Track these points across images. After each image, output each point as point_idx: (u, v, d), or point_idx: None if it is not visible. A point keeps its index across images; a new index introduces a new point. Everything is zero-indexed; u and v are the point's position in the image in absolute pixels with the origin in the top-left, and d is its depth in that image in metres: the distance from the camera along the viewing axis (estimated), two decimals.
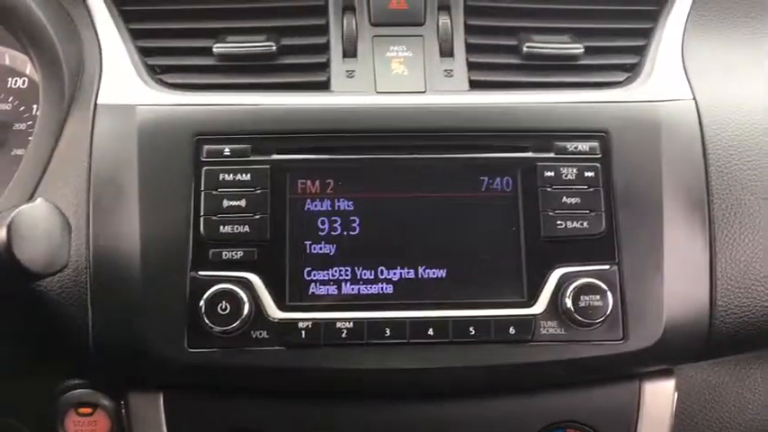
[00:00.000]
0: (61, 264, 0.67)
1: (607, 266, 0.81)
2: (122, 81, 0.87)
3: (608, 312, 0.79)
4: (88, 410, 0.87)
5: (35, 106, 1.00)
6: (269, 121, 0.83)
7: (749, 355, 0.94)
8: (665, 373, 0.88)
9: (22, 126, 0.99)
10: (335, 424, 0.85)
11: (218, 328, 0.77)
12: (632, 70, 0.91)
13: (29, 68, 1.00)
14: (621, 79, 0.91)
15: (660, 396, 0.87)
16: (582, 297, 0.79)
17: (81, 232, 0.78)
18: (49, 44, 0.86)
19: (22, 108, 1.00)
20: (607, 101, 0.87)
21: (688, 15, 0.94)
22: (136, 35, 0.90)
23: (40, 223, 0.65)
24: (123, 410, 0.86)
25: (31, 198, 0.83)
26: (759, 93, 0.93)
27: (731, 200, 0.86)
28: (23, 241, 0.63)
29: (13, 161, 0.97)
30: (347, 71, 0.89)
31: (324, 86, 0.88)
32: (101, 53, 0.89)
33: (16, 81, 1.01)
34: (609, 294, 0.79)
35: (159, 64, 0.89)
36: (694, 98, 0.89)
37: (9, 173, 0.93)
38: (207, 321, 0.77)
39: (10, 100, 1.01)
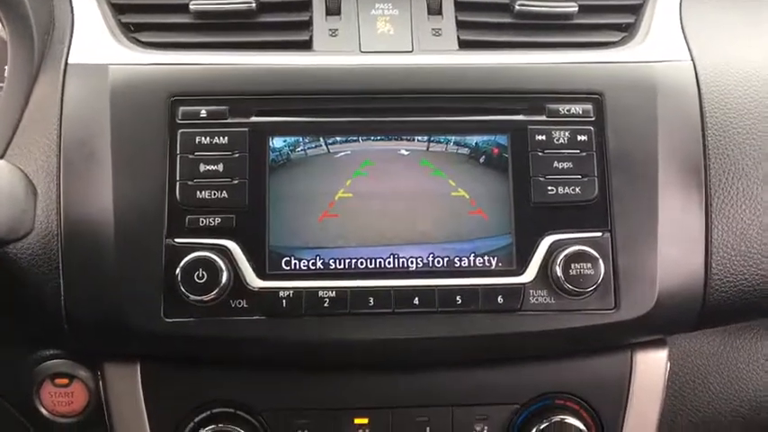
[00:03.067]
0: (25, 230, 0.65)
1: (599, 234, 0.79)
2: (94, 39, 0.84)
3: (599, 281, 0.78)
4: (65, 381, 0.86)
5: (6, 67, 0.96)
6: (248, 82, 0.81)
7: (741, 325, 0.92)
8: (658, 344, 0.87)
9: None
10: (317, 395, 0.82)
11: (195, 297, 0.75)
12: (628, 30, 0.90)
13: None
14: (617, 39, 0.89)
15: (652, 367, 0.86)
16: (573, 265, 0.78)
17: (51, 197, 0.75)
18: (18, 5, 0.82)
19: None
20: (601, 61, 0.85)
21: None
22: None
23: (2, 187, 0.63)
24: (100, 381, 0.83)
25: None
26: (758, 57, 0.92)
27: (729, 164, 0.84)
28: None
29: None
30: (330, 30, 0.87)
31: (306, 46, 0.86)
32: (72, 10, 0.86)
33: None
34: (600, 262, 0.78)
35: (133, 22, 0.87)
36: (692, 59, 0.87)
37: None
38: (183, 290, 0.75)
39: None
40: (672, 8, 0.91)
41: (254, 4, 0.86)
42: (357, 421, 0.83)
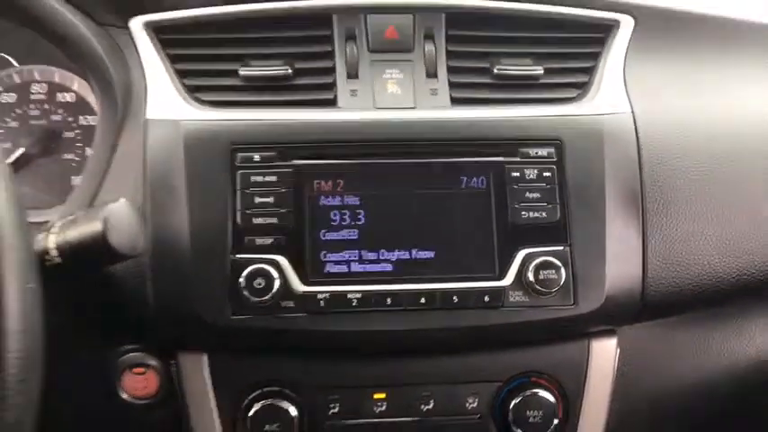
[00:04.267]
0: (140, 248, 0.79)
1: (561, 247, 0.91)
2: (165, 99, 0.95)
3: (561, 284, 0.89)
4: (141, 370, 0.96)
5: (81, 117, 1.10)
6: (289, 134, 0.92)
7: (677, 319, 1.02)
8: (609, 333, 0.98)
9: (71, 134, 1.09)
10: (346, 376, 0.94)
11: (254, 299, 0.87)
12: (582, 88, 1.00)
13: (76, 85, 1.10)
14: (573, 95, 0.99)
15: (605, 351, 0.97)
16: (541, 271, 0.89)
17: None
18: (103, 70, 0.96)
19: (70, 119, 1.09)
20: (561, 115, 0.96)
21: (629, 43, 1.02)
22: (173, 59, 0.98)
23: (124, 217, 0.77)
24: (174, 369, 0.94)
25: (94, 198, 0.93)
26: (688, 107, 1.02)
27: (660, 196, 0.95)
28: (114, 231, 0.75)
29: (63, 164, 1.08)
30: (351, 90, 0.97)
31: (332, 103, 0.96)
32: (144, 75, 0.97)
33: (65, 96, 1.10)
34: (562, 269, 0.89)
35: (194, 84, 0.97)
36: (632, 112, 0.97)
37: (59, 174, 1.07)
38: (246, 294, 0.87)
39: (60, 112, 1.09)
40: (617, 69, 1.01)
41: (290, 70, 0.96)
42: (376, 396, 0.95)
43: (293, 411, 0.93)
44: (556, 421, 0.96)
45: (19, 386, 0.61)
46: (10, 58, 1.11)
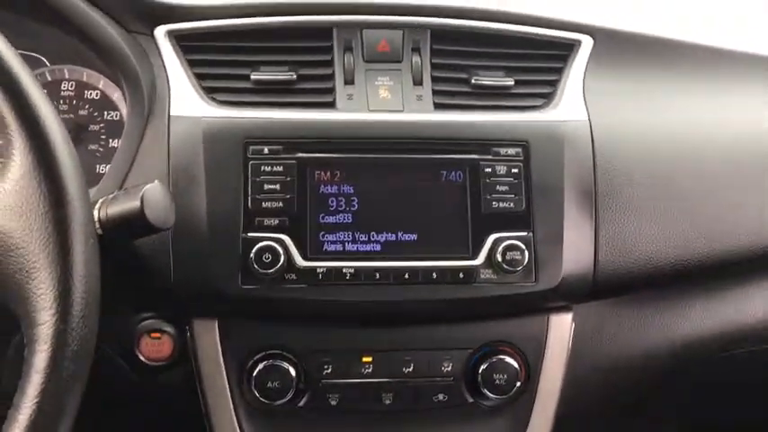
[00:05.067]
0: (172, 221, 0.89)
1: (525, 233, 1.00)
2: (186, 98, 1.03)
3: (525, 264, 0.98)
4: (157, 335, 1.03)
5: (105, 112, 1.20)
6: (294, 131, 1.01)
7: (625, 299, 1.10)
8: (566, 309, 1.06)
9: (96, 128, 1.19)
10: (338, 342, 1.03)
11: (261, 272, 0.95)
12: (547, 98, 1.09)
13: (101, 83, 1.20)
14: (539, 104, 1.08)
15: (561, 325, 1.06)
16: (508, 253, 0.98)
17: None
18: (133, 71, 1.04)
19: (96, 114, 1.19)
20: (528, 120, 1.04)
21: (588, 60, 1.12)
22: (193, 64, 1.06)
23: (159, 196, 0.87)
24: (188, 334, 1.01)
25: (123, 183, 1.02)
26: (639, 118, 1.10)
27: (610, 193, 1.04)
28: (150, 207, 0.85)
29: (89, 154, 1.17)
30: (347, 94, 1.05)
31: (331, 105, 1.04)
32: (168, 78, 1.05)
33: (91, 93, 1.20)
34: (526, 252, 0.98)
35: (211, 86, 1.05)
36: (589, 120, 1.06)
37: (86, 163, 1.11)
38: (255, 267, 0.95)
39: (86, 107, 1.19)
40: (577, 83, 1.09)
41: (294, 76, 1.05)
42: (364, 359, 1.03)
43: (292, 371, 1.02)
44: (518, 384, 1.05)
45: (82, 320, 0.71)
46: (43, 58, 1.21)
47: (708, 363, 1.18)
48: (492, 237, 1.00)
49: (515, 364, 1.05)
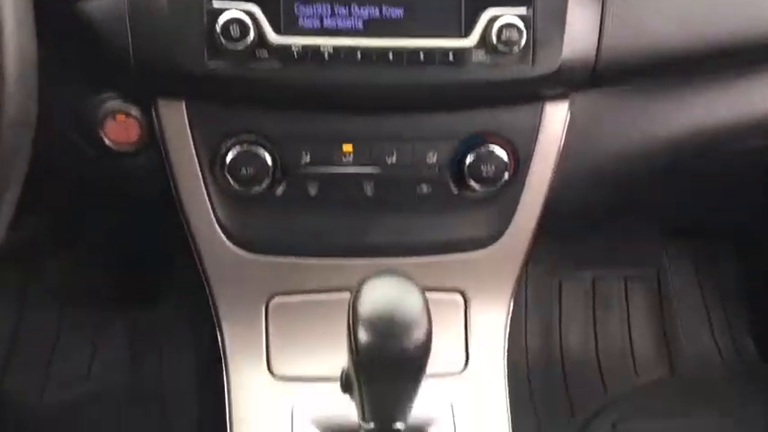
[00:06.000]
0: None
1: (524, 10, 0.93)
2: None
3: (522, 45, 0.93)
4: (122, 117, 0.99)
5: None
6: None
7: (625, 89, 1.05)
8: (562, 97, 1.02)
9: None
10: (317, 129, 0.99)
11: (230, 46, 0.89)
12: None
13: None
14: None
15: (556, 114, 1.03)
16: (504, 32, 0.92)
17: None
18: None
19: None
20: None
21: None
22: None
23: None
24: (154, 115, 0.97)
25: None
26: None
27: None
28: None
29: None
30: None
31: None
32: None
33: None
34: (524, 31, 0.92)
35: None
36: None
37: None
38: (222, 41, 0.89)
39: None
40: None
41: None
42: (345, 148, 1.00)
43: (268, 158, 0.99)
44: (506, 176, 1.03)
45: (17, 84, 0.65)
46: None
47: (702, 157, 1.16)
48: (487, 13, 0.93)
49: (504, 156, 1.03)
